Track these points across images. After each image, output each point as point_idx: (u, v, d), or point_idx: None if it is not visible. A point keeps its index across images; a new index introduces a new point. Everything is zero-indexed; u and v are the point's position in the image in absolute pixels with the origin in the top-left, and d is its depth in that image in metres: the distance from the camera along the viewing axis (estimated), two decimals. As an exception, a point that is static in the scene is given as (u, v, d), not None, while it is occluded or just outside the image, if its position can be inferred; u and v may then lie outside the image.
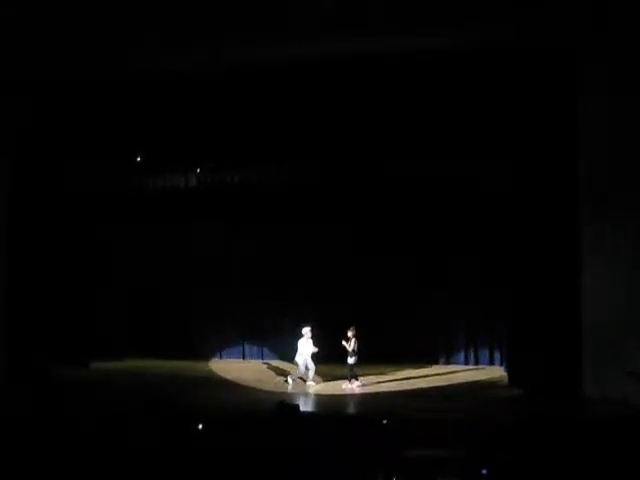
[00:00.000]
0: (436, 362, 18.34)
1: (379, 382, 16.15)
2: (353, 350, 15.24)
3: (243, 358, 19.42)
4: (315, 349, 15.77)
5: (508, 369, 16.33)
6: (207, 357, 19.12)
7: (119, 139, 16.16)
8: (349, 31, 13.51)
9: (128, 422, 9.88)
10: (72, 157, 16.45)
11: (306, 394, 15.16)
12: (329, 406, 14.07)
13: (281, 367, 18.02)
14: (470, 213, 17.16)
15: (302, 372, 15.93)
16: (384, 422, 10.73)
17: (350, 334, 15.26)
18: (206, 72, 15.16)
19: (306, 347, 15.87)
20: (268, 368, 18.26)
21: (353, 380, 15.58)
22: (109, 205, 18.03)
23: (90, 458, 8.28)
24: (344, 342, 15.33)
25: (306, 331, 15.93)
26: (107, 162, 16.39)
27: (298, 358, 15.90)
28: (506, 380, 15.92)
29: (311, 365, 15.89)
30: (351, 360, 15.40)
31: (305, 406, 13.41)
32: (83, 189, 17.02)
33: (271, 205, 18.07)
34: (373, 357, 16.81)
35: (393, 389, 15.53)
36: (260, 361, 19.14)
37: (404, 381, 16.34)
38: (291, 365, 16.66)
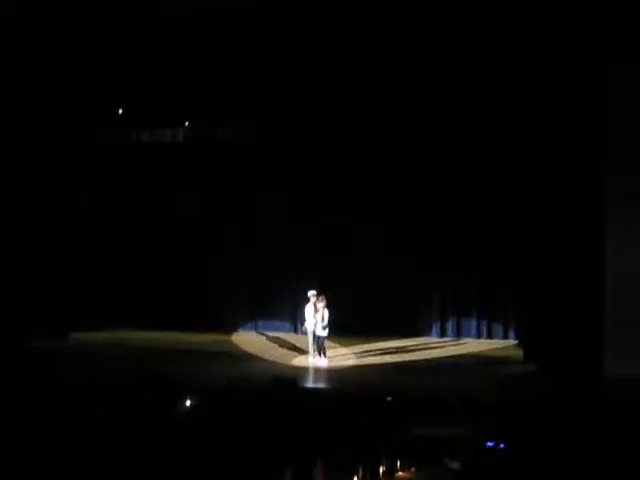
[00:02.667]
0: (444, 334, 18.67)
1: (368, 353, 16.39)
2: (323, 321, 15.01)
3: (236, 330, 19.54)
4: (320, 318, 15.10)
5: (522, 342, 16.68)
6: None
7: (101, 91, 16.61)
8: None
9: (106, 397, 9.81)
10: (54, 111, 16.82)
11: (304, 368, 15.21)
12: (328, 381, 14.21)
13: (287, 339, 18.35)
14: (488, 178, 17.32)
15: (312, 343, 15.58)
16: (388, 399, 10.96)
17: (320, 305, 15.00)
18: (203, 17, 15.72)
19: (311, 314, 15.46)
20: (270, 340, 18.47)
21: (320, 354, 15.35)
22: (82, 166, 18.05)
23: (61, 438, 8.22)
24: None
25: (312, 295, 15.42)
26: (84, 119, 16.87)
27: (307, 327, 15.59)
28: (520, 355, 16.16)
29: (317, 334, 15.30)
30: (322, 332, 15.15)
31: (303, 381, 13.60)
32: (54, 145, 17.24)
33: (280, 165, 18.22)
34: (365, 328, 17.47)
35: (389, 362, 15.70)
36: (256, 333, 19.40)
37: (404, 354, 16.50)
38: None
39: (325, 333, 15.28)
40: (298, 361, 15.83)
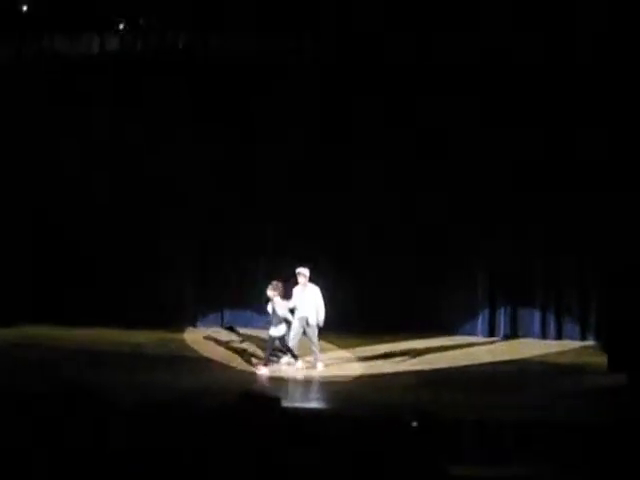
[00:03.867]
0: (493, 332, 18.29)
1: (379, 357, 16.28)
2: (276, 315, 14.93)
3: (193, 325, 19.09)
4: (314, 307, 15.02)
5: (605, 345, 16.45)
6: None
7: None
8: None
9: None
10: None
11: (287, 380, 14.97)
12: (324, 399, 14.06)
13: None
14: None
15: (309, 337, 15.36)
16: (413, 425, 9.61)
17: (270, 292, 14.89)
18: None
19: (301, 300, 15.18)
20: (239, 339, 18.04)
21: (270, 361, 15.14)
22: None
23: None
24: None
25: (301, 274, 15.27)
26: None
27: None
28: (602, 362, 15.74)
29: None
30: (273, 331, 14.99)
31: (287, 399, 12.86)
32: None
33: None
34: (374, 322, 17.58)
35: (410, 370, 15.56)
36: (220, 328, 19.03)
37: (433, 360, 16.32)
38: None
39: (278, 332, 15.01)
40: (278, 369, 15.33)
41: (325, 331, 15.59)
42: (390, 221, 18.57)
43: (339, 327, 16.60)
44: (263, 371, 15.09)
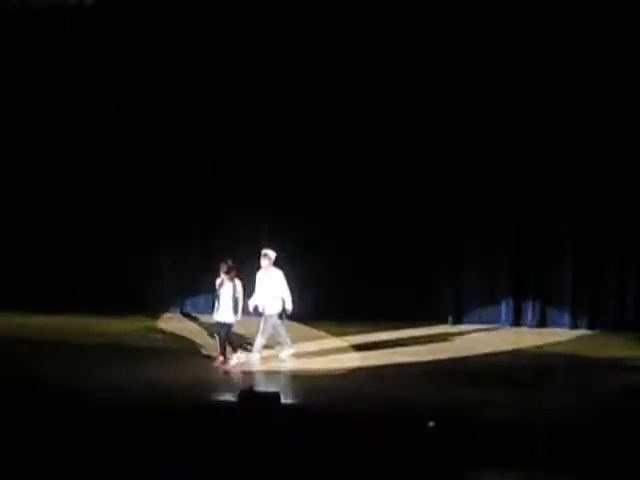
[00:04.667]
0: (519, 321, 17.70)
1: (379, 346, 15.95)
2: (233, 299, 14.35)
3: (142, 310, 18.46)
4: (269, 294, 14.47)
5: None
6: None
7: None
8: None
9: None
10: None
11: (273, 374, 14.50)
12: (319, 395, 13.19)
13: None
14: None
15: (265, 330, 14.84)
16: (430, 425, 10.36)
17: (224, 276, 14.30)
18: None
19: (263, 286, 14.67)
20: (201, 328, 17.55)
21: (229, 354, 14.51)
22: None
23: None
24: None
25: (267, 255, 14.75)
26: None
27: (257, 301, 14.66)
28: None
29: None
30: (219, 316, 14.40)
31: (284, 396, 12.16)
32: None
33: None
34: (375, 308, 17.16)
35: (420, 361, 15.12)
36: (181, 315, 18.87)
37: (446, 348, 16.02)
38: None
39: (231, 319, 14.40)
40: (256, 360, 14.87)
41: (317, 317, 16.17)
42: (400, 198, 18.10)
43: (333, 314, 16.72)
44: (234, 361, 14.54)
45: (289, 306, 14.51)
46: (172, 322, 18.34)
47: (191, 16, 18.17)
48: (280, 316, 14.79)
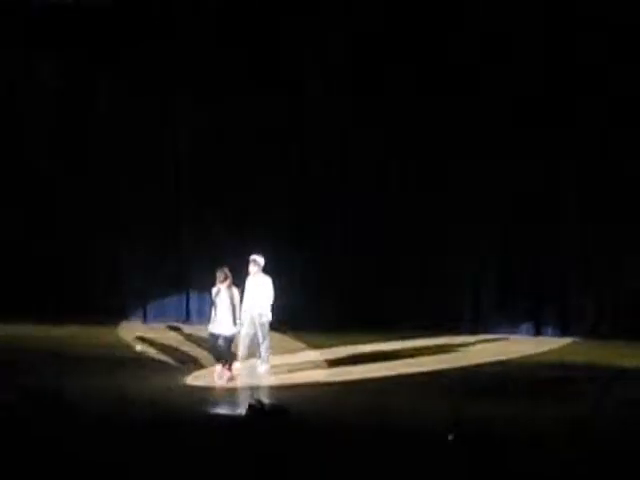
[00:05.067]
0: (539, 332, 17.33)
1: (379, 354, 15.67)
2: (230, 308, 13.97)
3: (127, 318, 18.35)
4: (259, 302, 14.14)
5: None
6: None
7: None
8: None
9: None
10: None
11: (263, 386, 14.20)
12: (321, 407, 12.71)
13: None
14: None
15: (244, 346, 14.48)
16: (449, 438, 10.27)
17: (220, 285, 13.97)
18: None
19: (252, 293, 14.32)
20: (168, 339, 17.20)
21: (225, 367, 14.10)
22: None
23: None
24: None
25: (256, 261, 14.45)
26: None
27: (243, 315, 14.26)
28: None
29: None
30: (216, 328, 13.95)
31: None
32: None
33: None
34: (371, 315, 16.95)
35: (430, 371, 14.86)
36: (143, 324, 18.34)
37: (458, 357, 15.75)
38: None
39: (231, 331, 14.01)
40: (267, 370, 14.54)
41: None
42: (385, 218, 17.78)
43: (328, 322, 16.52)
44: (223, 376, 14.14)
45: (264, 311, 14.27)
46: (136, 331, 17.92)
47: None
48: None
